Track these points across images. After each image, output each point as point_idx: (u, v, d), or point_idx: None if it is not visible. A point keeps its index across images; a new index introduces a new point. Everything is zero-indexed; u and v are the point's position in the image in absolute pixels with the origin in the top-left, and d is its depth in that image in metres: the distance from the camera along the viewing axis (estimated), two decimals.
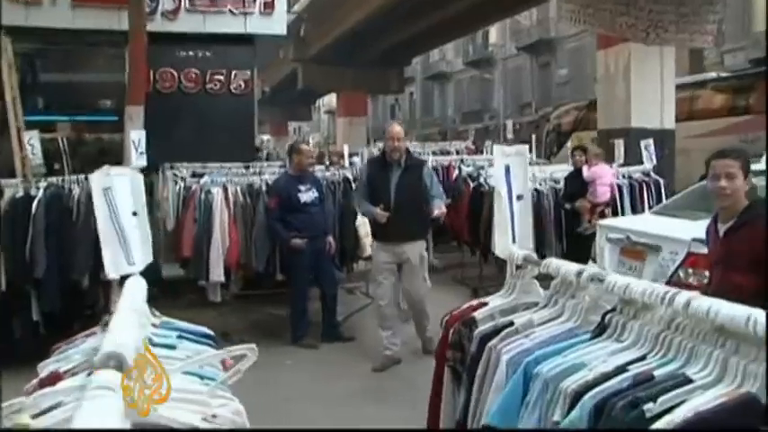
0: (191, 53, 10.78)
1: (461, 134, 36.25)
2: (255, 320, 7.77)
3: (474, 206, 8.76)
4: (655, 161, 9.20)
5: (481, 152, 14.47)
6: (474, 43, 41.52)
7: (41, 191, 6.30)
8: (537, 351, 2.07)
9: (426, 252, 6.31)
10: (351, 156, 12.12)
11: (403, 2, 23.67)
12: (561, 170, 9.13)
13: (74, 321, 6.29)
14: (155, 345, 2.11)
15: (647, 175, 8.90)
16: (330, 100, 49.62)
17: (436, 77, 47.07)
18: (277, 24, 10.98)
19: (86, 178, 6.52)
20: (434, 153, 13.42)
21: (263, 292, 7.91)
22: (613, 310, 2.12)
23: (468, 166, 10.19)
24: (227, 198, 7.08)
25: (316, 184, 7.13)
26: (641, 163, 9.22)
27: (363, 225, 7.56)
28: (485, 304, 2.57)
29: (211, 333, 2.50)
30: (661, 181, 8.88)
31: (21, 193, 6.32)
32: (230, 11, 10.58)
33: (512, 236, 2.95)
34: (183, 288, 7.78)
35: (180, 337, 2.29)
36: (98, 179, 2.99)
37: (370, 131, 50.72)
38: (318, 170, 8.36)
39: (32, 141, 7.24)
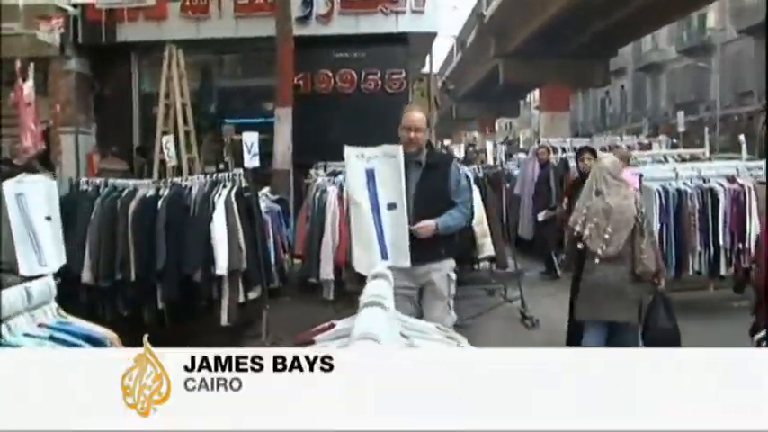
0: (345, 54, 11.06)
1: (674, 128, 33.69)
2: None
3: None
4: None
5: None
6: (689, 29, 38.37)
7: (166, 191, 6.75)
8: None
9: (455, 273, 4.87)
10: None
11: None
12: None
13: (193, 312, 6.75)
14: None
15: None
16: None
17: (648, 68, 44.16)
18: (429, 21, 10.93)
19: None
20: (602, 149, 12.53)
21: None
22: None
23: None
24: (341, 197, 7.12)
25: None
26: None
27: (480, 225, 7.27)
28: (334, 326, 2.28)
29: (99, 336, 2.47)
30: None
31: (151, 193, 6.82)
32: (381, 11, 10.70)
33: (381, 250, 2.63)
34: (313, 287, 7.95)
35: (51, 338, 2.29)
36: (11, 186, 3.10)
37: (579, 127, 49.08)
38: None
39: (168, 145, 7.79)
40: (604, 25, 27.12)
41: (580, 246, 5.11)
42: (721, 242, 7.42)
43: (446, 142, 32.94)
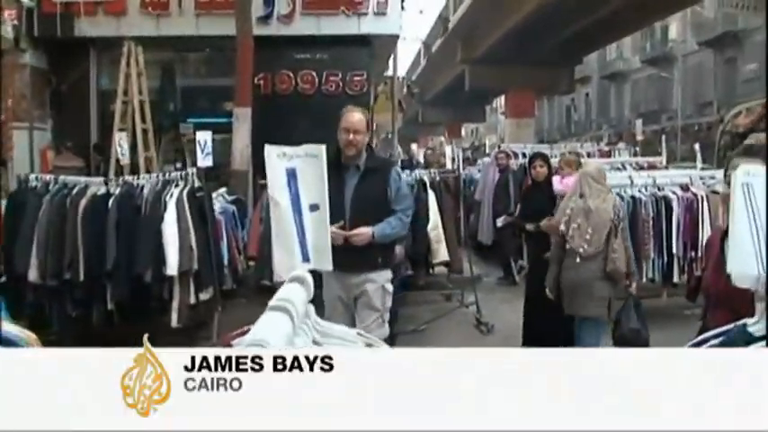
0: (307, 55, 11.01)
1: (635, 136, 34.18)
2: None
3: None
4: None
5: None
6: (652, 39, 39.02)
7: (118, 189, 6.63)
8: None
9: (391, 284, 4.60)
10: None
11: None
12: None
13: (143, 313, 6.63)
14: None
15: None
16: None
17: (613, 77, 44.79)
18: (392, 24, 10.92)
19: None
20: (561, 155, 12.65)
21: None
22: None
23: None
24: None
25: None
26: None
27: (435, 230, 7.28)
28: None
29: (12, 336, 2.41)
30: None
31: (102, 191, 6.69)
32: (344, 12, 10.67)
33: (301, 253, 2.60)
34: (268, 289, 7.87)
35: None
36: None
37: (545, 133, 49.54)
38: None
39: (122, 143, 7.67)
40: (569, 33, 27.46)
41: (568, 246, 5.39)
42: (675, 250, 7.52)
43: (413, 146, 33.02)
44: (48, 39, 10.82)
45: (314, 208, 2.72)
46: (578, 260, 5.33)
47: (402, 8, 13.02)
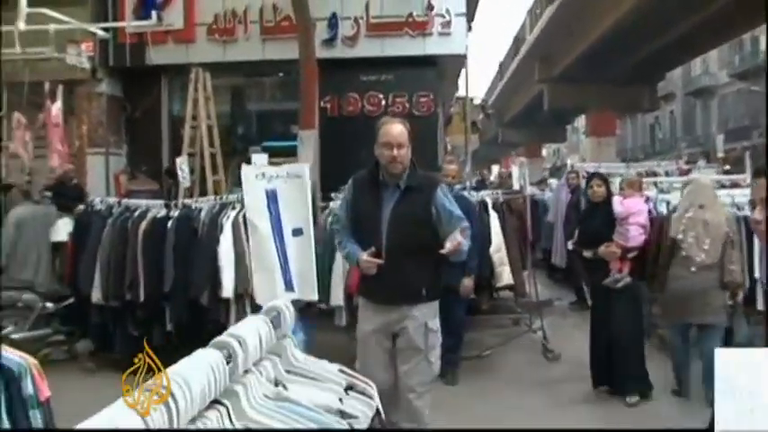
0: (373, 77, 10.97)
1: (727, 154, 32.71)
2: None
3: None
4: None
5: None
6: (741, 52, 37.41)
7: (177, 212, 6.70)
8: None
9: (438, 320, 4.04)
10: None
11: (653, 7, 21.62)
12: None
13: (201, 335, 6.62)
14: None
15: None
16: None
17: (698, 93, 43.14)
18: (457, 44, 10.78)
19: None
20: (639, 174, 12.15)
21: None
22: None
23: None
24: None
25: None
26: None
27: (498, 252, 7.03)
28: None
29: (10, 364, 2.35)
30: None
31: (161, 214, 6.78)
32: (408, 33, 10.60)
33: (284, 281, 2.44)
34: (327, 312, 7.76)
35: None
36: None
37: (628, 152, 48.16)
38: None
39: (183, 166, 7.77)
40: (650, 49, 26.59)
41: (683, 253, 5.54)
42: (757, 274, 6.99)
43: (494, 167, 32.61)
44: (122, 68, 11.20)
45: (297, 232, 2.59)
46: (693, 269, 5.49)
47: (469, 29, 12.92)
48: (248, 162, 11.75)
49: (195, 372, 1.28)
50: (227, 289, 6.24)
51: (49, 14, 9.44)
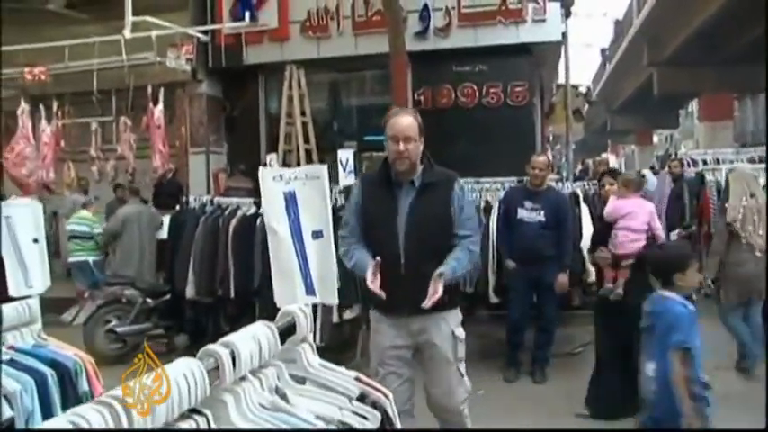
0: (467, 68, 10.80)
1: None
2: (468, 342, 7.39)
3: None
4: None
5: None
6: None
7: None
8: None
9: (462, 328, 3.70)
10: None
11: None
12: None
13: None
14: None
15: None
16: None
17: None
18: (552, 31, 10.43)
19: None
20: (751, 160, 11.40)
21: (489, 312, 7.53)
22: None
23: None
24: None
25: (549, 205, 6.22)
26: None
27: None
28: None
29: (65, 360, 2.37)
30: None
31: (251, 211, 6.91)
32: (501, 21, 10.35)
33: (305, 285, 2.32)
34: None
35: (12, 361, 2.22)
36: None
37: (748, 137, 45.46)
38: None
39: (272, 163, 7.89)
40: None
41: (743, 241, 5.78)
42: None
43: (603, 155, 31.56)
44: (220, 69, 11.51)
45: (317, 235, 2.50)
46: (759, 254, 5.71)
47: (568, 15, 12.48)
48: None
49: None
50: None
51: (151, 21, 9.85)
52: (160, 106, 10.00)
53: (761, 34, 26.21)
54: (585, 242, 6.67)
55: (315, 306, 6.56)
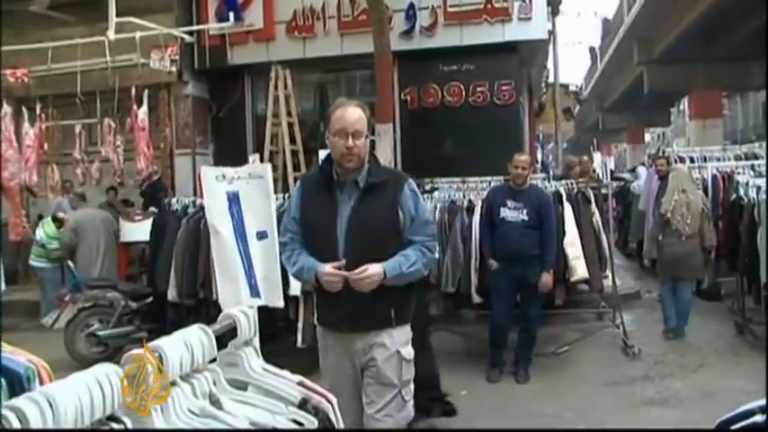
0: (453, 67, 10.76)
1: None
2: (451, 342, 7.38)
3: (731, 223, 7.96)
4: None
5: None
6: None
7: None
8: None
9: (411, 348, 3.30)
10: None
11: None
12: None
13: (272, 333, 6.69)
14: None
15: None
16: None
17: None
18: (538, 29, 10.40)
19: None
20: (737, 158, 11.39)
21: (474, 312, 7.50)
22: None
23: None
24: None
25: (532, 204, 6.25)
26: None
27: (572, 245, 6.72)
28: None
29: (15, 367, 2.33)
30: None
31: None
32: (486, 20, 10.32)
33: (249, 286, 2.28)
34: None
35: None
36: None
37: (739, 134, 45.58)
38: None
39: (255, 162, 7.85)
40: (758, 23, 24.95)
41: (673, 228, 7.28)
42: None
43: (595, 155, 31.56)
44: (206, 70, 11.45)
45: (261, 236, 2.45)
46: (683, 239, 7.22)
47: (556, 13, 12.46)
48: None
49: (70, 388, 1.20)
50: (295, 286, 6.23)
51: (135, 22, 9.79)
52: (144, 108, 9.94)
53: (750, 32, 26.29)
54: (569, 241, 6.66)
55: (297, 308, 6.62)
